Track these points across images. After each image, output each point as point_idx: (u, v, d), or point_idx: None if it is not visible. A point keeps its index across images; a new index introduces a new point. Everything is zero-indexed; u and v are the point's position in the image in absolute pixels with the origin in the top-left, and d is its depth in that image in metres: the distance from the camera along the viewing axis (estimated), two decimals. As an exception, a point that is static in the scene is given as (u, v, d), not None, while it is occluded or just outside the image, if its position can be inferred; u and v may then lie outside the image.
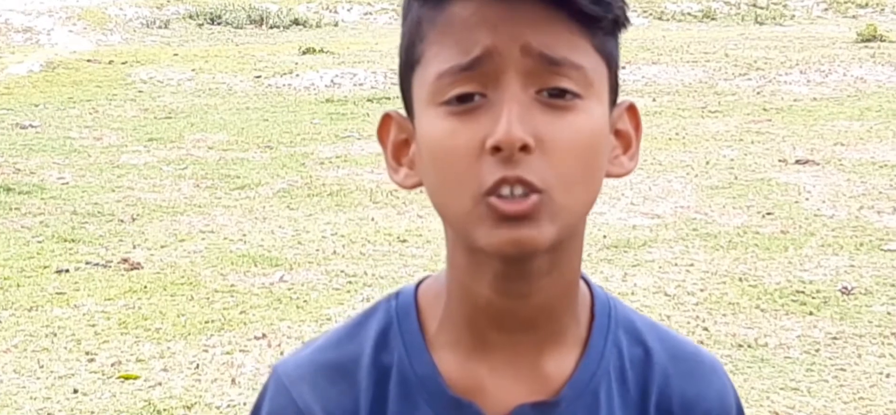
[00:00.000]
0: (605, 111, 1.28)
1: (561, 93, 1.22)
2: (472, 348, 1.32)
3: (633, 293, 6.09)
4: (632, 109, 1.34)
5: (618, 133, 1.31)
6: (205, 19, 19.67)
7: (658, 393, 1.36)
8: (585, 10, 1.23)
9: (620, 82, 1.33)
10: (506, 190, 1.21)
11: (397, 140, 1.32)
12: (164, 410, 4.86)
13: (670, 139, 10.02)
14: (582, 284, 1.36)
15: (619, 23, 1.27)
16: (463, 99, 1.22)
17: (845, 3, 20.46)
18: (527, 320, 1.30)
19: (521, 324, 1.31)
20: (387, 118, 1.34)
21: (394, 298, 1.38)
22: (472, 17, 1.22)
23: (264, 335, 5.61)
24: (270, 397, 1.37)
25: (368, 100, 12.36)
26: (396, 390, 1.33)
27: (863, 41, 15.23)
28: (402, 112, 1.33)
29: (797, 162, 9.11)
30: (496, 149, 1.20)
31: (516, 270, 1.27)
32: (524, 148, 1.20)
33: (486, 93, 1.22)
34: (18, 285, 6.37)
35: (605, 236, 7.12)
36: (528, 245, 1.23)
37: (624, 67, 14.00)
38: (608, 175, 1.30)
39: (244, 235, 7.34)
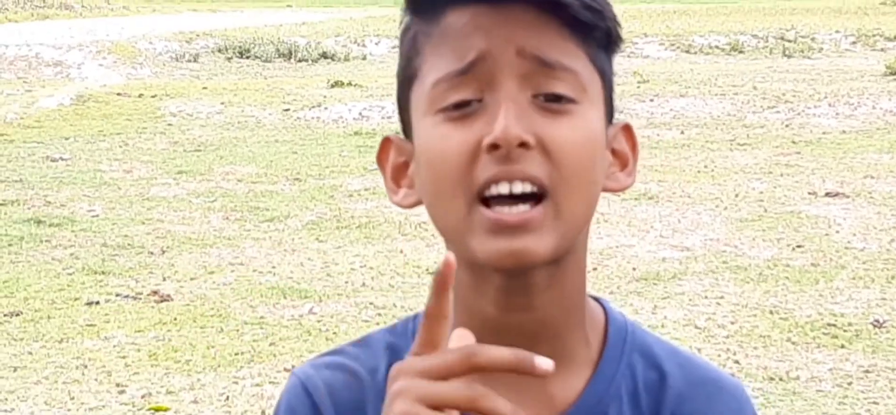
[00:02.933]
0: (601, 119, 1.29)
1: (557, 98, 1.24)
2: None
3: (663, 326, 6.07)
4: (627, 129, 1.35)
5: (614, 152, 1.32)
6: (234, 53, 19.75)
7: (672, 412, 1.35)
8: (578, 16, 1.25)
9: (622, 105, 1.34)
10: (504, 187, 1.22)
11: (397, 163, 1.34)
12: (195, 441, 4.87)
13: (699, 172, 10.00)
14: (596, 307, 1.36)
15: (612, 37, 1.29)
16: (460, 106, 1.24)
17: (873, 36, 20.41)
18: (530, 336, 1.30)
19: (525, 341, 1.29)
20: (386, 142, 1.36)
21: (414, 318, 1.39)
22: (466, 26, 1.25)
23: (294, 367, 5.61)
24: (286, 392, 1.40)
25: (396, 132, 12.38)
26: None
27: (891, 74, 15.19)
28: (402, 136, 1.35)
29: (827, 195, 9.08)
30: (494, 147, 1.21)
31: (517, 283, 1.27)
32: (523, 145, 1.21)
33: (482, 98, 1.24)
34: (49, 317, 6.40)
35: (634, 269, 7.11)
36: (527, 256, 1.23)
37: (652, 100, 14.00)
38: (606, 190, 1.30)
39: (273, 267, 7.35)
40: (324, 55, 19.71)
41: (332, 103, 13.99)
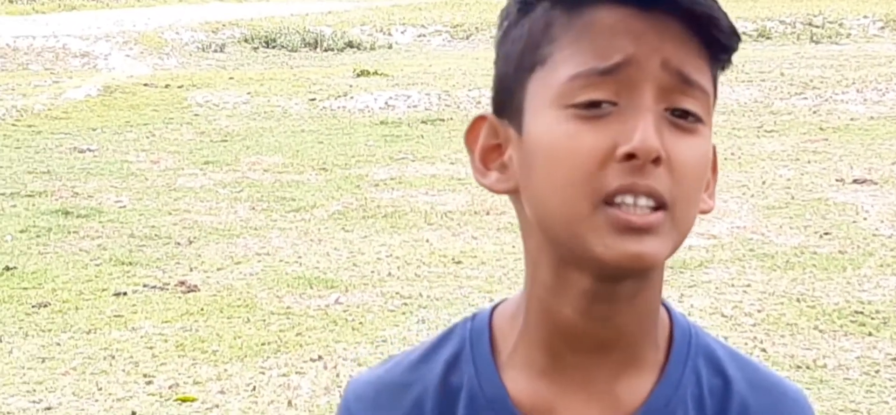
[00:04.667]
0: (711, 139, 1.29)
1: (684, 114, 1.24)
2: (545, 368, 1.32)
3: (689, 314, 6.05)
4: (712, 151, 1.34)
5: None
6: (260, 43, 19.77)
7: None
8: (721, 40, 1.25)
9: None
10: (629, 199, 1.21)
11: (488, 144, 1.32)
12: (222, 432, 4.89)
13: (726, 159, 9.97)
14: (662, 309, 1.36)
15: (731, 60, 1.29)
16: (592, 106, 1.23)
17: (902, 20, 20.28)
18: (605, 342, 1.30)
19: (599, 346, 1.30)
20: (479, 120, 1.33)
21: (470, 320, 1.38)
22: (616, 25, 1.23)
23: (320, 357, 5.62)
24: (339, 412, 1.40)
25: (422, 122, 12.38)
26: (465, 411, 1.33)
27: (920, 59, 15.09)
28: (494, 116, 1.33)
29: (855, 181, 9.03)
30: (630, 156, 1.21)
31: (605, 290, 1.26)
32: (656, 160, 1.21)
33: (617, 102, 1.22)
34: (77, 308, 6.42)
35: (660, 257, 7.08)
36: (650, 259, 1.23)
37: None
38: None
39: (300, 257, 7.37)
40: (350, 44, 19.71)
41: (357, 93, 13.99)
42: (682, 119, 1.23)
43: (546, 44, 1.26)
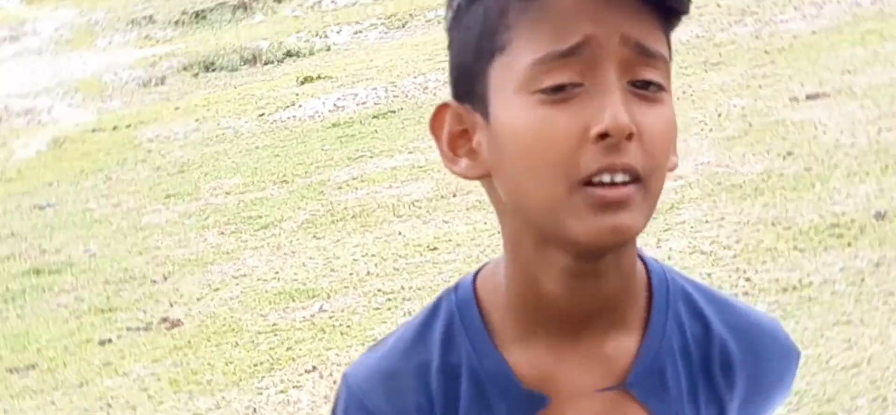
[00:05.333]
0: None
1: (646, 84, 1.25)
2: (538, 338, 1.34)
3: (669, 257, 6.09)
4: None
5: None
6: (199, 68, 19.68)
7: (720, 362, 1.38)
8: (674, 6, 1.27)
9: None
10: (606, 177, 1.23)
11: (454, 131, 1.33)
12: (230, 459, 4.90)
13: (678, 99, 10.01)
14: (637, 260, 1.37)
15: (681, 18, 1.31)
16: (558, 89, 1.24)
17: (827, -69, 20.39)
18: (591, 312, 1.33)
19: (585, 316, 1.33)
20: (443, 108, 1.34)
21: (453, 291, 1.39)
22: (572, 7, 1.24)
23: (314, 368, 5.64)
24: (344, 408, 1.39)
25: (374, 117, 12.36)
26: (468, 387, 1.35)
27: (852, -34, 15.18)
28: (456, 102, 1.33)
29: (808, 97, 9.09)
30: (603, 136, 1.22)
31: (587, 268, 1.29)
32: (629, 136, 1.23)
33: (582, 82, 1.24)
34: (65, 364, 6.41)
35: (632, 207, 7.12)
36: (627, 232, 1.26)
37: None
38: None
39: (276, 272, 7.37)
40: (289, 54, 19.62)
41: (304, 100, 13.96)
42: (645, 89, 1.25)
43: (504, 30, 1.27)
